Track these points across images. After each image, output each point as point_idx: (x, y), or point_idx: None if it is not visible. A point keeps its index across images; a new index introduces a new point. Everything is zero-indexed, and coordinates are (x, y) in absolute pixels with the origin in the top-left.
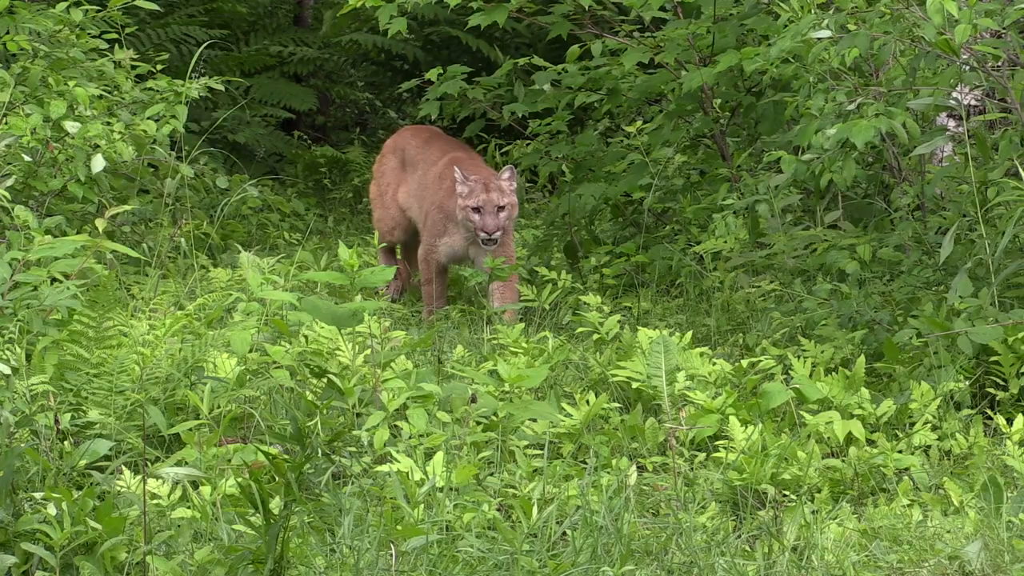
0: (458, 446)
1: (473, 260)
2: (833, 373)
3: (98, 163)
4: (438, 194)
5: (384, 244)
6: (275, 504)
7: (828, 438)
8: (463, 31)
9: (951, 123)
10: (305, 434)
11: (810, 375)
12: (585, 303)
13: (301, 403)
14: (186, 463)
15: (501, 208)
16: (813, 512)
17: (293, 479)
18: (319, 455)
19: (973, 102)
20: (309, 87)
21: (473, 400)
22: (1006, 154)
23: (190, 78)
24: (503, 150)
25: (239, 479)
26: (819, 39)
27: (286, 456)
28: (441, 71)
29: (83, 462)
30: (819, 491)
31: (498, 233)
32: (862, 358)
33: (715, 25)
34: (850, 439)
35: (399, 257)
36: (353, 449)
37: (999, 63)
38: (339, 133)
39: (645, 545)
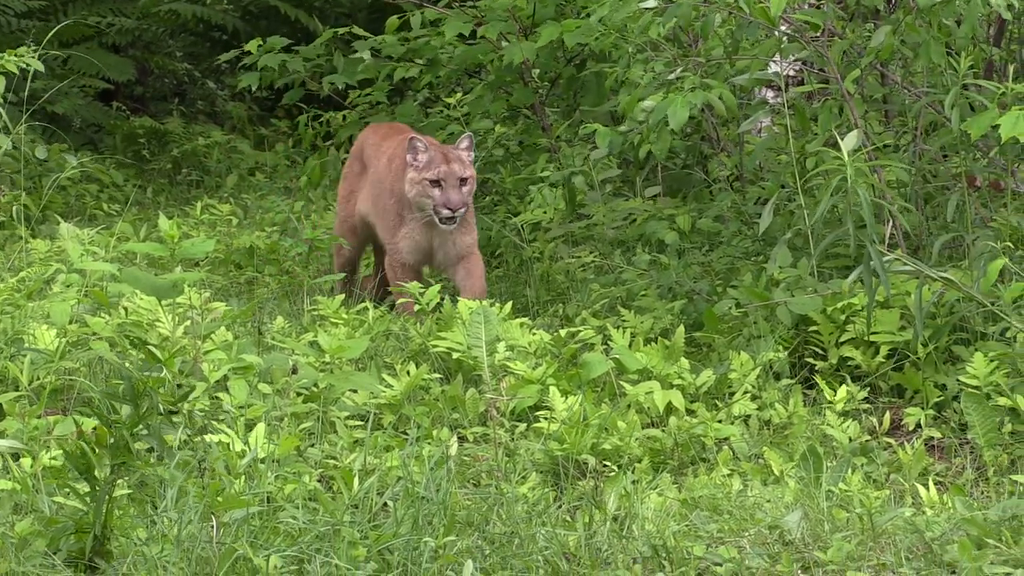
0: (279, 417)
1: (435, 252)
2: (653, 343)
3: None
4: (388, 178)
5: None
6: (100, 473)
7: (648, 408)
8: (282, 1)
9: (770, 94)
10: (140, 393)
11: (630, 345)
12: None
13: (122, 372)
14: (6, 435)
15: (464, 181)
16: (634, 482)
17: (128, 436)
18: (156, 414)
19: (792, 73)
20: (127, 58)
21: (294, 371)
22: (825, 125)
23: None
24: (320, 119)
25: (64, 447)
26: (646, 9)
27: (115, 420)
28: (261, 42)
29: None
30: (639, 461)
31: (463, 210)
32: (681, 328)
33: None
34: (670, 409)
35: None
36: (185, 415)
37: (818, 33)
38: (158, 104)
39: (467, 516)
